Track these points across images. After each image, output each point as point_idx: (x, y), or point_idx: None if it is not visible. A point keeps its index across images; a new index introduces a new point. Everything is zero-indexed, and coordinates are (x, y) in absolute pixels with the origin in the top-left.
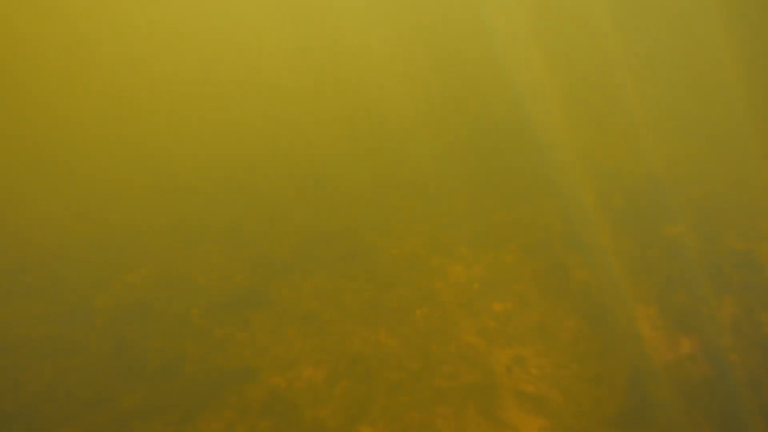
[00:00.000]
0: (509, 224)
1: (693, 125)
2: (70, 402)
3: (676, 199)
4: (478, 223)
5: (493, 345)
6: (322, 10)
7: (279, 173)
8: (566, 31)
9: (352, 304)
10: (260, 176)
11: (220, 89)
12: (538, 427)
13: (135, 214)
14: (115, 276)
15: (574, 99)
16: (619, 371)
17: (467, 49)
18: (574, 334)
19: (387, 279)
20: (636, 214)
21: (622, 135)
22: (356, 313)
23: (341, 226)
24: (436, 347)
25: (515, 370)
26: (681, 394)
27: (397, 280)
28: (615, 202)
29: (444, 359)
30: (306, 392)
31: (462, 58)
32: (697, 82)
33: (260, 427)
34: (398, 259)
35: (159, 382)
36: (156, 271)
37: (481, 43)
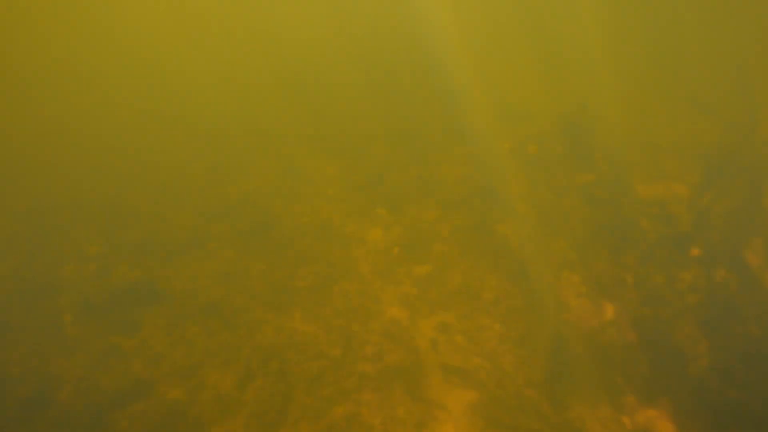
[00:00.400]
0: (426, 179)
1: (607, 66)
2: None
3: (587, 144)
4: (393, 180)
5: (416, 315)
6: None
7: (168, 134)
8: None
9: (262, 288)
10: (143, 139)
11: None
12: (466, 402)
13: None
14: None
15: (485, 42)
16: (542, 331)
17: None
18: (496, 293)
19: (299, 253)
20: (550, 161)
21: (535, 78)
22: (267, 297)
23: (243, 194)
24: (358, 326)
25: (440, 340)
26: (604, 358)
27: (310, 254)
28: (530, 150)
29: (367, 339)
30: (212, 403)
31: (365, 13)
32: (612, 23)
33: None
34: (310, 229)
35: (24, 419)
36: (10, 267)
37: None
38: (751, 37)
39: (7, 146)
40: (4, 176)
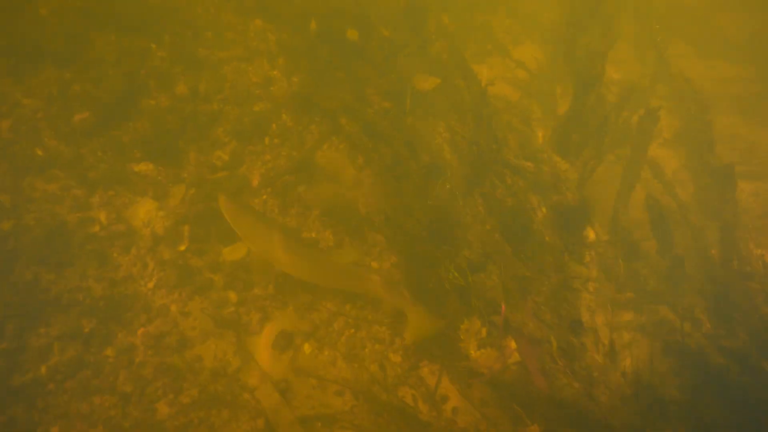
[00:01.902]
0: (203, 93)
1: None
2: None
3: (425, 26)
4: (151, 105)
5: (245, 335)
6: None
7: None
8: None
9: None
10: None
11: None
12: None
13: None
14: None
15: None
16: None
17: None
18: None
19: (13, 309)
20: (377, 52)
21: None
22: None
23: None
24: (165, 407)
25: (289, 377)
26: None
27: (36, 303)
28: (349, 35)
29: (185, 422)
30: None
31: None
32: None
33: None
34: (30, 245)
35: None
36: None
37: None
38: None
39: None
40: None
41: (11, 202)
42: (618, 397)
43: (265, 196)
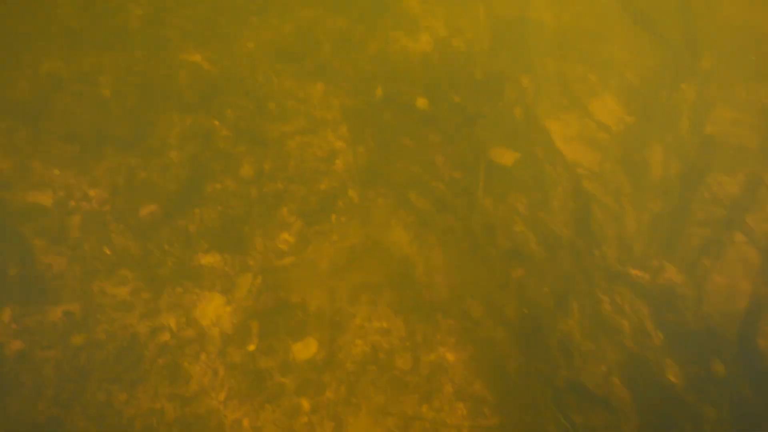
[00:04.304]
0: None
1: None
2: None
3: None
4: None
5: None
6: None
7: None
8: None
9: None
10: None
11: None
12: None
13: None
14: None
15: None
16: None
17: None
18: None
19: None
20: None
21: None
22: None
23: None
24: None
25: None
26: None
27: None
28: (419, 105)
29: None
30: None
31: None
32: None
33: None
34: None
35: None
36: None
37: None
38: None
39: None
40: None
41: (82, 311)
42: None
43: (332, 283)
